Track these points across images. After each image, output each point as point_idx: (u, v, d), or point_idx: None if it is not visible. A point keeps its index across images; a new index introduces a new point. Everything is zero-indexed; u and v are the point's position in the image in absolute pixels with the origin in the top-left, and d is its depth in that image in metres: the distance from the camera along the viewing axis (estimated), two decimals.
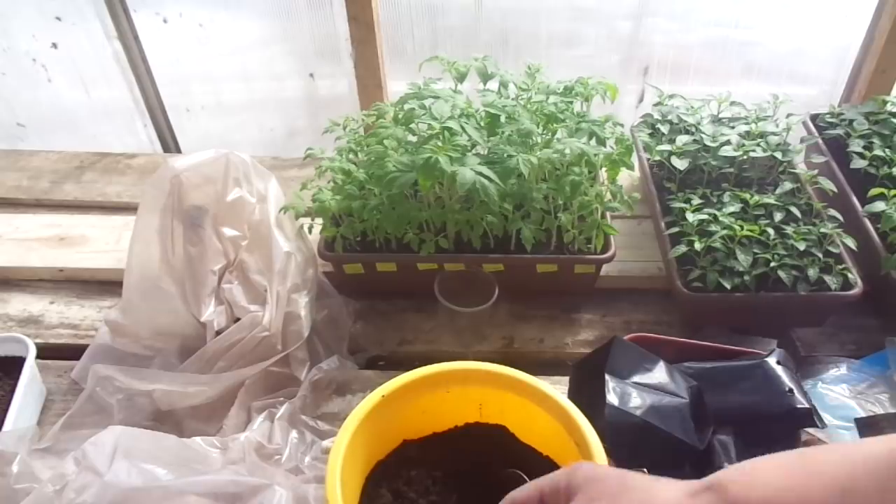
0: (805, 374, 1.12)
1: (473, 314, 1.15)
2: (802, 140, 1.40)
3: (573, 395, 0.93)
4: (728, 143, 1.32)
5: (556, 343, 1.24)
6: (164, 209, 1.12)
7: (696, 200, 1.25)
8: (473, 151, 1.20)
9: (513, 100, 1.28)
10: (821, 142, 1.40)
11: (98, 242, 1.41)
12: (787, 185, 1.28)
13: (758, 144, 1.30)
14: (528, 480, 0.81)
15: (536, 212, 1.21)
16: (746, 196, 1.24)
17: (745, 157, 1.30)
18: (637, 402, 0.88)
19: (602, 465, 0.74)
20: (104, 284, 1.34)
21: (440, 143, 1.14)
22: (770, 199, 1.23)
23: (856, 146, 1.34)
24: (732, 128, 1.37)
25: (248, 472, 0.92)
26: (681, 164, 1.31)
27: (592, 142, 1.19)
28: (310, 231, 1.25)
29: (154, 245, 1.12)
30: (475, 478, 0.87)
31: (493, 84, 1.28)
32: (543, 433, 0.86)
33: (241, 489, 0.89)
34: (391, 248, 1.23)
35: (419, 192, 1.23)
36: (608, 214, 1.25)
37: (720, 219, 1.19)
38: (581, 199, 1.20)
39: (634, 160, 1.30)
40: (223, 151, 1.14)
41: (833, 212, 1.23)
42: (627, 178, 1.50)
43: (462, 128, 1.14)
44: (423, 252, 1.19)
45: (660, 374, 0.93)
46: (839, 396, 1.08)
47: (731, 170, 1.33)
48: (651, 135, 1.42)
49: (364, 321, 1.27)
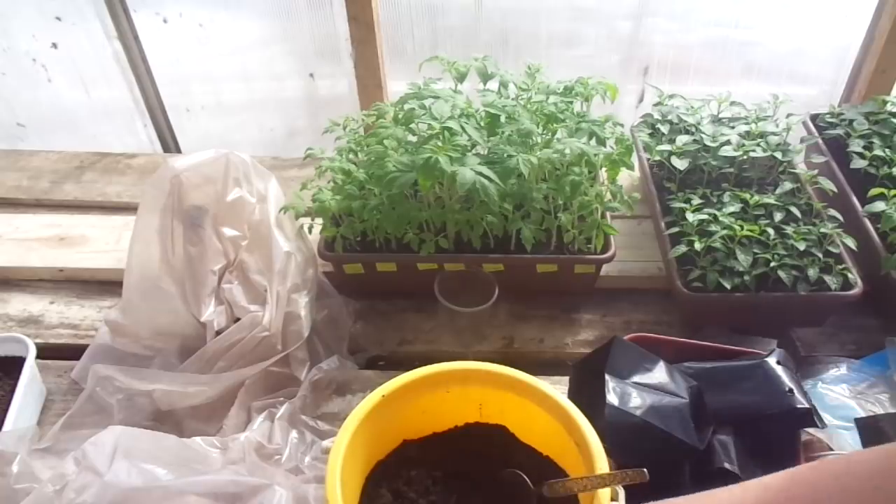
0: (805, 374, 1.12)
1: (473, 314, 1.15)
2: (802, 140, 1.40)
3: (573, 395, 0.93)
4: (728, 143, 1.33)
5: (556, 343, 1.24)
6: (164, 209, 1.12)
7: (696, 200, 1.25)
8: (473, 151, 1.20)
9: (513, 100, 1.28)
10: (821, 142, 1.40)
11: (98, 242, 1.41)
12: (787, 185, 1.28)
13: (758, 144, 1.30)
14: (528, 480, 0.81)
15: (536, 212, 1.21)
16: (746, 196, 1.24)
17: (745, 157, 1.30)
18: (637, 402, 0.88)
19: None
20: (104, 284, 1.34)
21: (440, 143, 1.14)
22: (770, 199, 1.23)
23: (856, 146, 1.34)
24: (732, 128, 1.37)
25: (248, 472, 0.92)
26: (681, 164, 1.31)
27: (592, 142, 1.19)
28: (310, 231, 1.25)
29: (154, 245, 1.12)
30: (475, 478, 0.87)
31: (493, 84, 1.28)
32: (543, 433, 0.86)
33: (241, 489, 0.89)
34: (391, 248, 1.23)
35: (419, 192, 1.23)
36: (608, 214, 1.25)
37: (720, 219, 1.19)
38: (581, 199, 1.20)
39: (634, 160, 1.30)
40: (223, 151, 1.14)
41: (833, 212, 1.23)
42: (627, 178, 1.50)
43: (462, 128, 1.14)
44: (423, 252, 1.19)
45: (660, 374, 0.93)
46: (839, 396, 1.08)
47: (731, 170, 1.33)
48: (651, 135, 1.42)
49: (364, 321, 1.28)
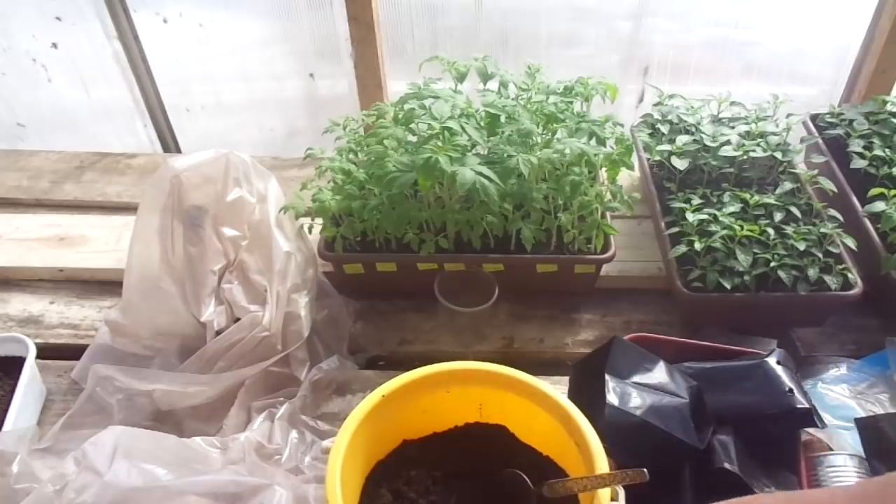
0: (805, 374, 1.12)
1: (473, 314, 1.15)
2: (802, 140, 1.40)
3: (573, 395, 0.93)
4: (728, 143, 1.32)
5: (556, 343, 1.24)
6: (164, 209, 1.12)
7: (696, 200, 1.25)
8: (473, 151, 1.20)
9: (513, 100, 1.28)
10: (821, 142, 1.40)
11: (98, 242, 1.41)
12: (787, 185, 1.28)
13: (758, 144, 1.30)
14: (528, 480, 0.81)
15: (536, 212, 1.21)
16: (746, 196, 1.24)
17: (745, 157, 1.30)
18: (637, 402, 0.88)
19: None
20: (104, 284, 1.34)
21: (440, 143, 1.14)
22: (770, 199, 1.23)
23: (856, 146, 1.34)
24: (732, 128, 1.37)
25: (248, 472, 0.92)
26: (681, 164, 1.31)
27: (592, 142, 1.19)
28: (310, 231, 1.25)
29: (154, 245, 1.12)
30: (475, 478, 0.87)
31: (493, 84, 1.28)
32: (543, 433, 0.86)
33: (241, 489, 0.89)
34: (391, 248, 1.23)
35: (419, 192, 1.23)
36: (608, 214, 1.25)
37: (720, 219, 1.19)
38: (581, 199, 1.20)
39: (634, 160, 1.30)
40: (223, 151, 1.14)
41: (833, 212, 1.23)
42: (627, 178, 1.50)
43: (462, 128, 1.14)
44: (423, 252, 1.19)
45: (660, 374, 0.93)
46: (839, 396, 1.08)
47: (731, 170, 1.33)
48: (651, 135, 1.42)
49: (364, 321, 1.27)
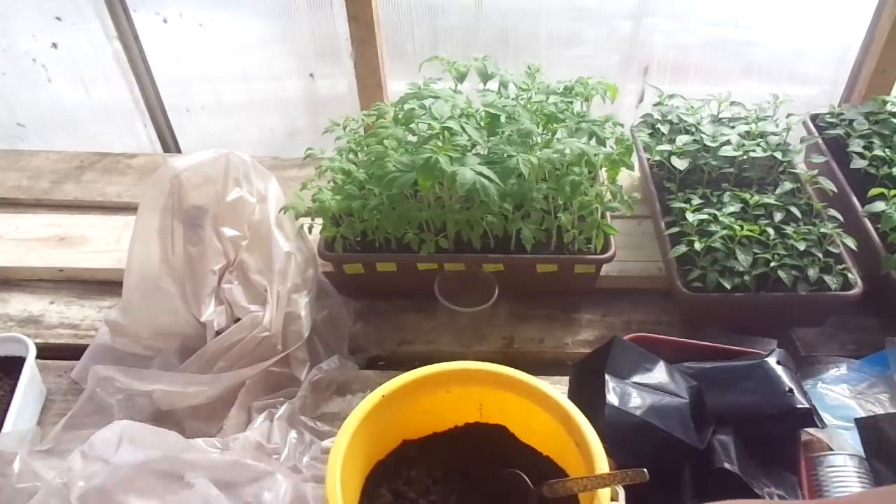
0: (805, 374, 1.12)
1: (473, 314, 1.15)
2: (802, 140, 1.40)
3: (573, 395, 0.93)
4: (728, 143, 1.32)
5: (556, 343, 1.24)
6: (164, 209, 1.12)
7: (696, 200, 1.25)
8: (473, 151, 1.20)
9: (513, 100, 1.28)
10: (821, 142, 1.40)
11: (98, 242, 1.41)
12: (787, 185, 1.28)
13: (758, 144, 1.30)
14: (528, 480, 0.81)
15: (536, 212, 1.21)
16: (746, 196, 1.24)
17: (745, 157, 1.30)
18: (637, 402, 0.88)
19: None
20: (104, 284, 1.34)
21: (440, 143, 1.13)
22: (770, 199, 1.23)
23: (856, 146, 1.34)
24: (732, 128, 1.37)
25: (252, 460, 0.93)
26: (681, 164, 1.31)
27: (592, 142, 1.19)
28: (310, 231, 1.25)
29: (154, 245, 1.12)
30: (475, 478, 0.87)
31: (493, 84, 1.28)
32: (543, 433, 0.86)
33: (246, 472, 0.89)
34: (391, 248, 1.23)
35: (419, 192, 1.23)
36: (608, 214, 1.25)
37: (720, 219, 1.19)
38: (581, 199, 1.20)
39: (634, 160, 1.30)
40: (223, 151, 1.14)
41: (833, 212, 1.23)
42: (627, 178, 1.50)
43: (462, 128, 1.14)
44: (423, 252, 1.19)
45: (660, 374, 0.93)
46: (839, 396, 1.08)
47: (731, 170, 1.33)
48: (651, 135, 1.42)
49: (364, 321, 1.27)
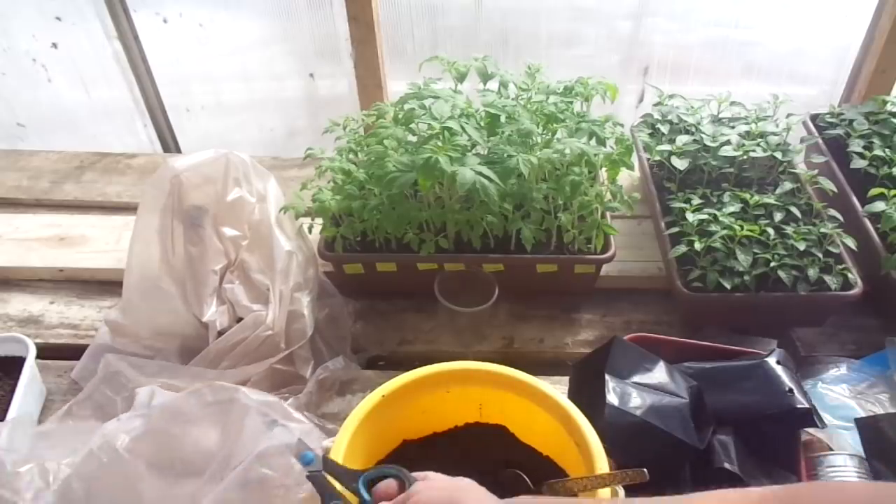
0: (805, 374, 1.12)
1: (473, 314, 1.15)
2: (802, 140, 1.40)
3: (573, 395, 0.93)
4: (728, 143, 1.32)
5: (556, 343, 1.24)
6: (164, 209, 1.12)
7: (696, 200, 1.25)
8: (473, 151, 1.20)
9: (513, 100, 1.28)
10: (821, 142, 1.40)
11: (98, 242, 1.41)
12: (787, 185, 1.28)
13: (758, 144, 1.30)
14: (528, 480, 0.81)
15: (536, 212, 1.21)
16: (746, 196, 1.24)
17: (745, 157, 1.30)
18: (637, 402, 0.88)
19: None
20: (104, 284, 1.34)
21: (440, 143, 1.13)
22: (770, 199, 1.23)
23: (856, 146, 1.34)
24: (732, 128, 1.37)
25: None
26: (681, 164, 1.31)
27: (592, 142, 1.19)
28: (310, 231, 1.25)
29: (154, 245, 1.12)
30: (475, 478, 0.87)
31: (493, 84, 1.28)
32: (543, 433, 0.86)
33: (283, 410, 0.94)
34: (391, 248, 1.23)
35: (419, 192, 1.23)
36: (608, 214, 1.25)
37: (720, 219, 1.19)
38: (581, 199, 1.20)
39: (634, 160, 1.30)
40: (223, 151, 1.14)
41: (833, 212, 1.23)
42: (627, 178, 1.50)
43: (462, 128, 1.14)
44: (423, 252, 1.19)
45: (660, 374, 0.93)
46: (839, 396, 1.08)
47: (731, 170, 1.33)
48: (651, 135, 1.42)
49: (364, 321, 1.27)
